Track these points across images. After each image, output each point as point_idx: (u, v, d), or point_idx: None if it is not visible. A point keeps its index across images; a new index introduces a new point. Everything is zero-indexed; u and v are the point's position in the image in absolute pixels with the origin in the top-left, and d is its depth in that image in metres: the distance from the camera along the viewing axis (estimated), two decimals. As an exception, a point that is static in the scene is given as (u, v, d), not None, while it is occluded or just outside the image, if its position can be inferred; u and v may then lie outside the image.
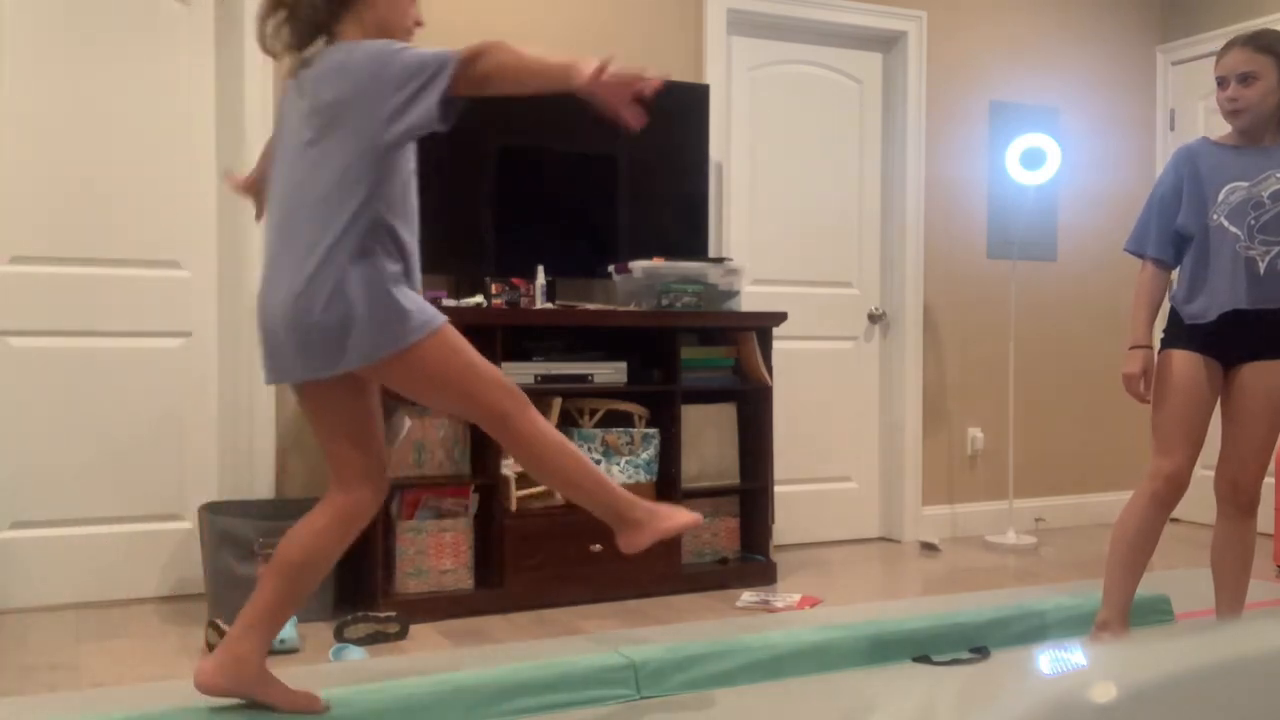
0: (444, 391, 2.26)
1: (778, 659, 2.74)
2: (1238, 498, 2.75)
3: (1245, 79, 2.65)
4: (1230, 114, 2.71)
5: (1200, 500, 5.26)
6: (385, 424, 3.41)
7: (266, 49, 2.25)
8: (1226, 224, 2.69)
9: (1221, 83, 2.73)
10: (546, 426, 2.34)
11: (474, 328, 3.57)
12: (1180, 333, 2.77)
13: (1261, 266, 2.67)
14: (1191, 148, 2.79)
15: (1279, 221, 2.66)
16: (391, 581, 3.42)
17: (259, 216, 2.45)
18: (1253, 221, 2.67)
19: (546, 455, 2.34)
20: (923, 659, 2.85)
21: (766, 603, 3.60)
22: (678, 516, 2.45)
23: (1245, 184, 2.68)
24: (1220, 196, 2.70)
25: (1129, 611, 2.77)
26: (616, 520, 2.45)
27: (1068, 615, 3.09)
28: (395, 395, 3.47)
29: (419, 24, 2.31)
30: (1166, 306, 2.89)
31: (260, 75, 3.71)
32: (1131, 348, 2.83)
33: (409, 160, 2.24)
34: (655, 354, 3.82)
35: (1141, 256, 2.85)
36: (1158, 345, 2.83)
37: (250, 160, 3.70)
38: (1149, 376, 2.79)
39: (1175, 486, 2.71)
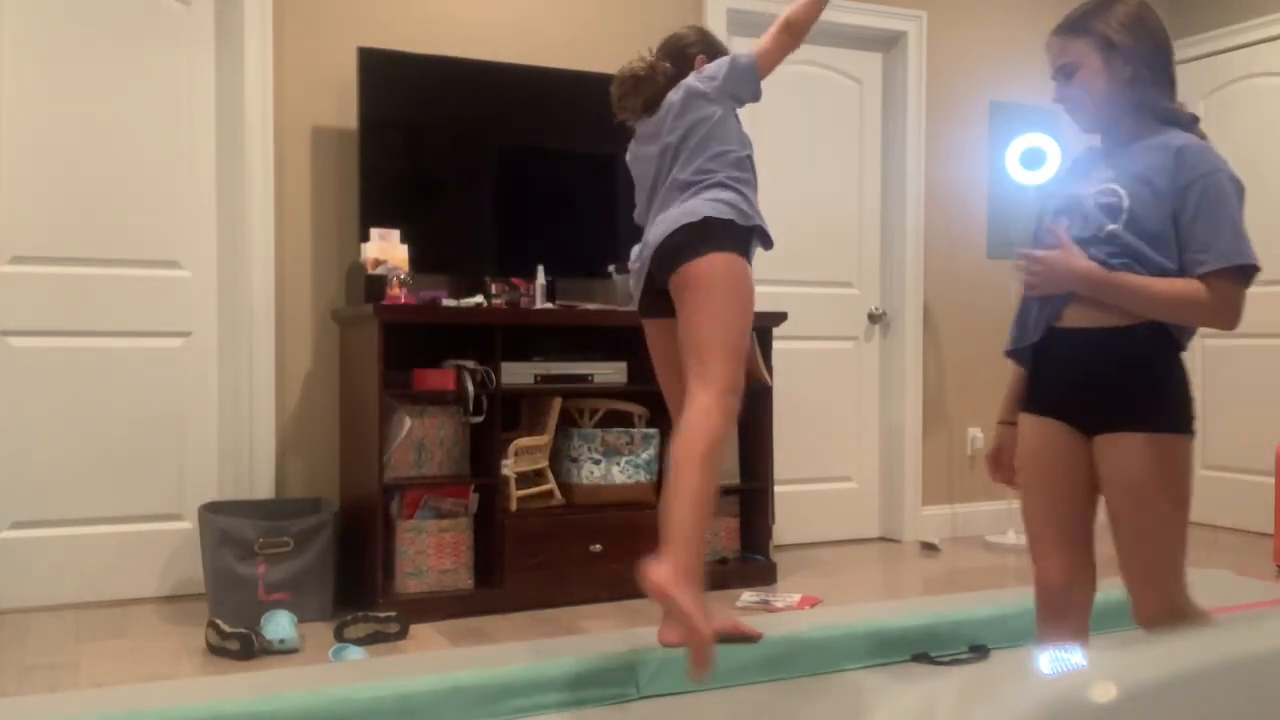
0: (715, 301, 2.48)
1: (778, 659, 2.74)
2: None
3: (1066, 73, 2.04)
4: (1072, 118, 2.10)
5: (1200, 500, 5.26)
6: (388, 423, 3.41)
7: (621, 117, 2.80)
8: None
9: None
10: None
11: (474, 328, 3.58)
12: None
13: None
14: (1077, 156, 2.21)
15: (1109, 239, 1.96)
16: (391, 581, 3.42)
17: None
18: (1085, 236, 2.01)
19: (714, 456, 2.42)
20: (922, 658, 2.85)
21: (766, 603, 3.60)
22: (696, 624, 2.21)
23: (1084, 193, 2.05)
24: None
25: None
26: (681, 566, 2.29)
27: (1068, 615, 3.08)
28: (396, 395, 3.48)
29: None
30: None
31: (260, 75, 3.71)
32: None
33: None
34: (655, 354, 3.81)
35: None
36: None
37: (250, 158, 3.71)
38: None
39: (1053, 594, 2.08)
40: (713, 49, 2.84)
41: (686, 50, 2.82)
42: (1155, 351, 1.93)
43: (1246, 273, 1.91)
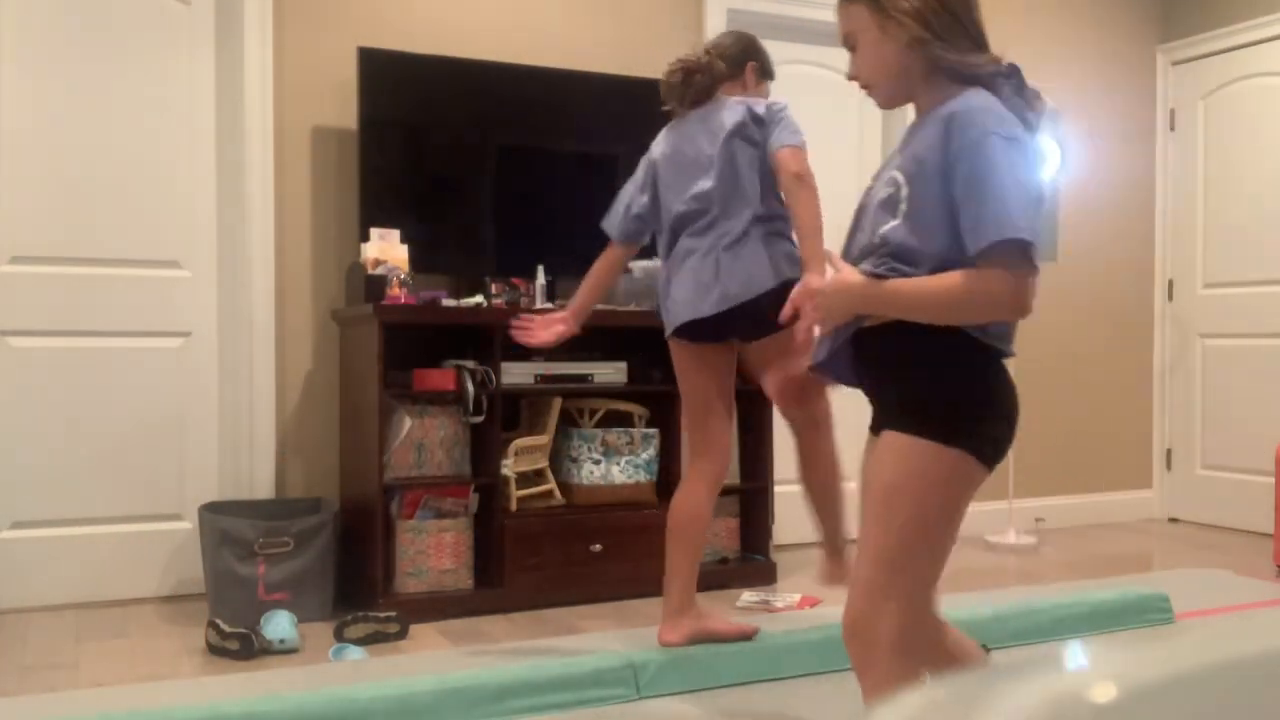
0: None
1: (778, 658, 2.74)
2: None
3: (849, 45, 1.83)
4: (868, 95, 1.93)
5: (1201, 500, 5.26)
6: (388, 423, 3.41)
7: (668, 105, 2.90)
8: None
9: None
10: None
11: (474, 328, 3.58)
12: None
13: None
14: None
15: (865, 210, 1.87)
16: (391, 581, 3.42)
17: None
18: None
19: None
20: (923, 659, 2.85)
21: (766, 603, 3.60)
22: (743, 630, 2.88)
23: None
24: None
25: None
26: (830, 547, 2.83)
27: (1068, 615, 3.09)
28: (396, 395, 3.48)
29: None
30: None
31: (260, 75, 3.71)
32: None
33: None
34: (655, 354, 3.81)
35: None
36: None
37: (250, 158, 3.71)
38: None
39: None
40: (764, 65, 2.98)
41: (742, 56, 2.91)
42: (934, 350, 1.65)
43: (1023, 249, 1.56)
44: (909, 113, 1.84)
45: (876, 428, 1.75)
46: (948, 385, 1.66)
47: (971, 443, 1.62)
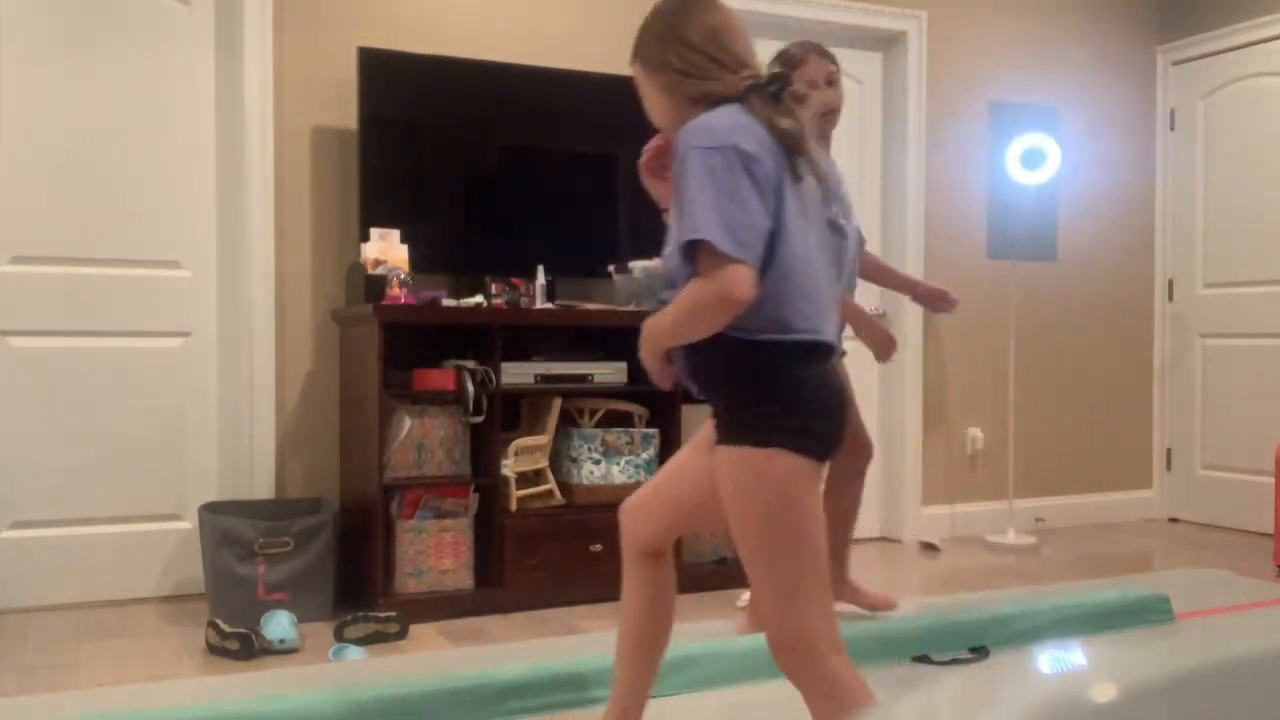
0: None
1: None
2: None
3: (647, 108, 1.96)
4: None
5: (1201, 500, 5.26)
6: (388, 423, 3.41)
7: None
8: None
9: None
10: None
11: (474, 328, 3.58)
12: None
13: None
14: None
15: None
16: (391, 581, 3.42)
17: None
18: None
19: None
20: (923, 659, 2.85)
21: (766, 603, 3.59)
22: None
23: None
24: None
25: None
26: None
27: (1068, 615, 3.09)
28: (396, 395, 3.48)
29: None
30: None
31: (260, 75, 3.71)
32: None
33: None
34: (655, 354, 3.81)
35: None
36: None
37: (250, 158, 3.71)
38: None
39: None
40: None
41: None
42: (716, 361, 1.74)
43: (711, 247, 1.62)
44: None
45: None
46: (741, 390, 1.72)
47: (784, 438, 1.67)
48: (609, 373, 3.72)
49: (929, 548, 4.59)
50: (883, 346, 3.13)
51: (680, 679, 2.64)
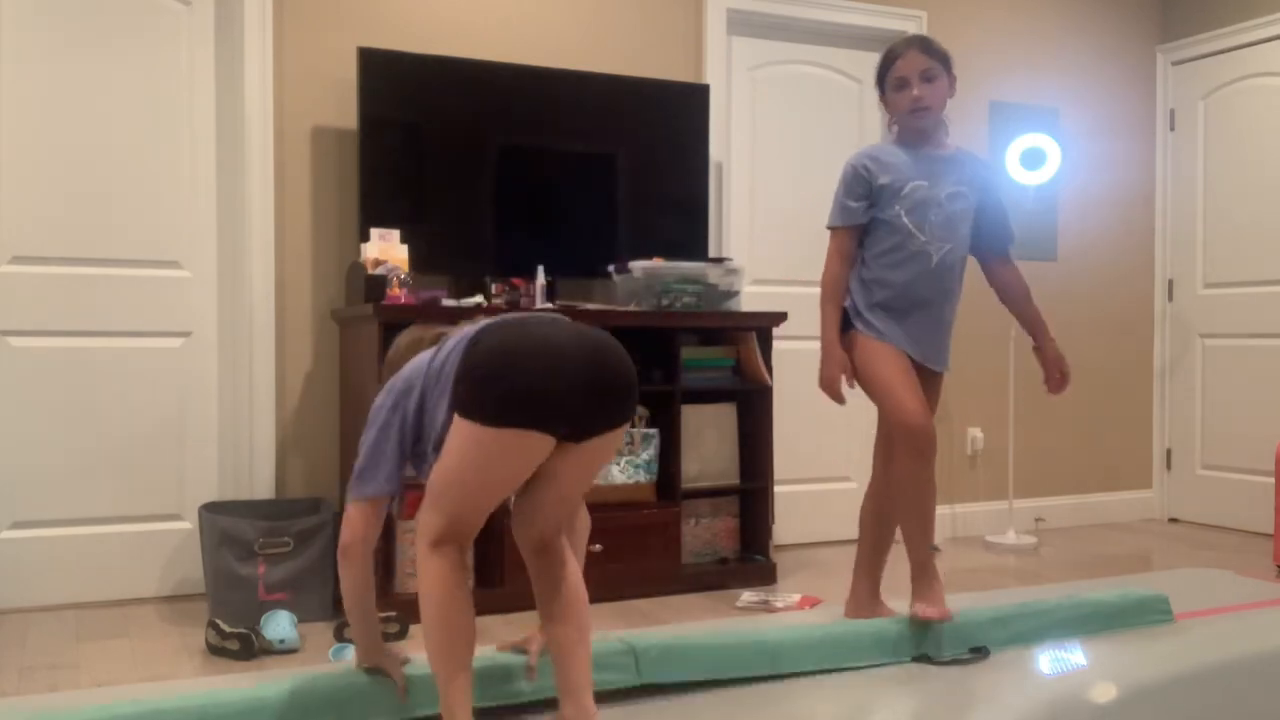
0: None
1: (778, 659, 2.73)
2: None
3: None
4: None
5: (1201, 500, 5.26)
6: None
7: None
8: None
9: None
10: None
11: (474, 328, 3.58)
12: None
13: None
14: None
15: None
16: (391, 581, 3.42)
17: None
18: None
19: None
20: (923, 659, 2.85)
21: (766, 603, 3.60)
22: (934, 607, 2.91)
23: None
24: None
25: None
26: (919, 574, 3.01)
27: (1068, 615, 3.08)
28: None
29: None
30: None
31: (260, 75, 3.71)
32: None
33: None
34: (655, 354, 3.81)
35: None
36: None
37: (250, 158, 3.71)
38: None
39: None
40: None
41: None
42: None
43: None
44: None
45: None
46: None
47: (459, 408, 2.07)
48: (609, 373, 3.71)
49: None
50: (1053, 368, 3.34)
51: (681, 665, 2.63)
